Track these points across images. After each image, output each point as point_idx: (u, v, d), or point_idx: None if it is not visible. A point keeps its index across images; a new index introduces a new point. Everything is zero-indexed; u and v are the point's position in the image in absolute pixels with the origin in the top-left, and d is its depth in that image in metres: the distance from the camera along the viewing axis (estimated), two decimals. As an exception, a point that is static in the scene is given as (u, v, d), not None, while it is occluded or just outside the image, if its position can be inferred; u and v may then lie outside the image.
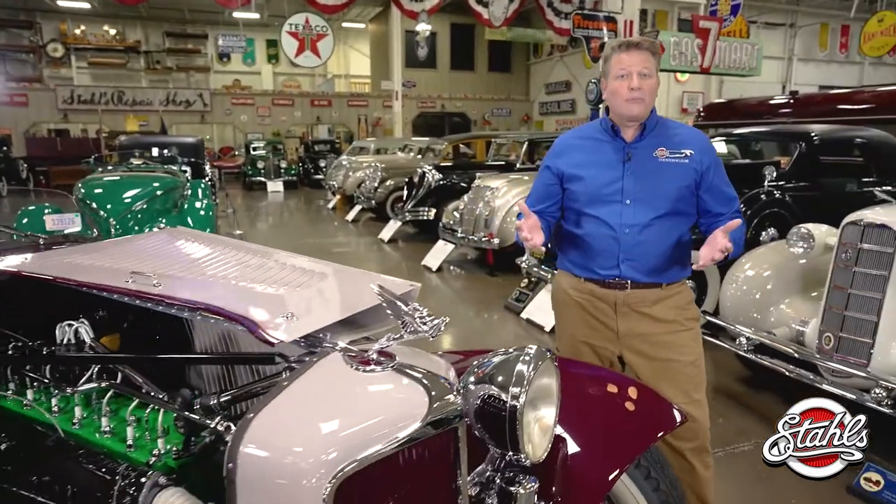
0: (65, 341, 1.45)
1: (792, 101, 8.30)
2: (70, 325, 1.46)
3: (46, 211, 5.99)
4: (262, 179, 17.66)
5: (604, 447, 1.42)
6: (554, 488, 1.30)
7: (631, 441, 1.45)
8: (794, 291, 3.39)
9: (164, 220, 6.15)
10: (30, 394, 1.37)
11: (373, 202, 10.76)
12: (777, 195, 4.73)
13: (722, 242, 1.77)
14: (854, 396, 2.68)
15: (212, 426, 1.14)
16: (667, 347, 1.94)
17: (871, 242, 2.79)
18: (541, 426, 1.25)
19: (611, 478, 1.35)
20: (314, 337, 1.14)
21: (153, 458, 1.17)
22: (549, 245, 2.18)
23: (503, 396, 1.12)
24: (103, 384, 1.34)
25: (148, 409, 1.29)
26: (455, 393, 1.03)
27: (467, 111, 24.83)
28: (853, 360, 2.80)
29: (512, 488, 1.18)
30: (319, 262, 1.55)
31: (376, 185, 10.84)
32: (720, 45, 10.27)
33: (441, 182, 8.87)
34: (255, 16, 20.08)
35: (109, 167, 7.76)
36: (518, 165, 9.14)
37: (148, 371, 1.37)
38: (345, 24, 24.85)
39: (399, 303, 1.05)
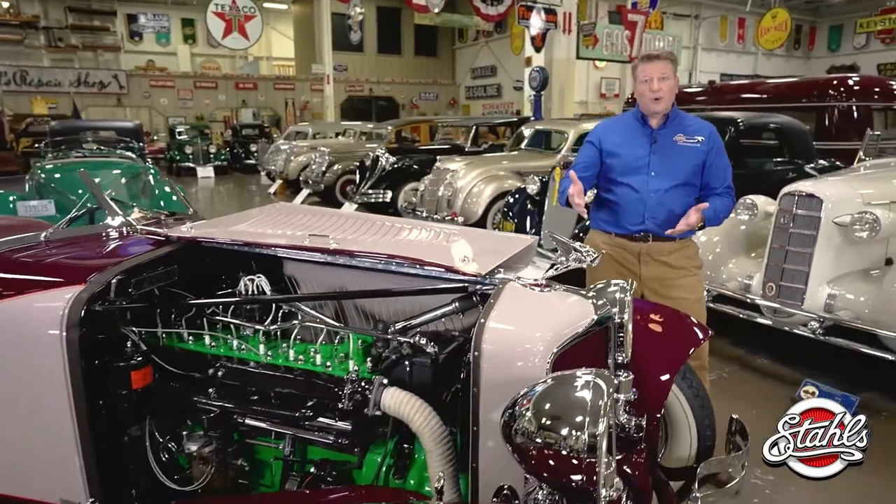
0: (250, 293, 1.79)
1: (709, 89, 9.29)
2: (251, 280, 1.81)
3: (11, 198, 5.87)
4: (192, 165, 17.15)
5: (661, 356, 1.94)
6: (634, 388, 1.80)
7: (677, 352, 1.97)
8: (740, 252, 4.10)
9: (135, 207, 6.15)
10: (218, 337, 1.71)
11: (321, 186, 10.91)
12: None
13: (694, 217, 2.40)
14: (794, 330, 3.41)
15: (412, 342, 1.56)
16: (678, 288, 2.52)
17: (803, 209, 3.51)
18: (627, 338, 1.75)
19: (667, 378, 1.87)
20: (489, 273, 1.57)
21: (352, 374, 1.57)
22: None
23: (617, 316, 1.60)
24: (296, 322, 1.71)
25: (337, 338, 1.69)
26: (604, 305, 1.51)
27: (395, 95, 25.01)
28: (790, 303, 3.52)
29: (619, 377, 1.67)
30: (437, 225, 1.97)
31: (324, 169, 10.99)
32: (645, 36, 11.21)
33: (395, 165, 9.21)
34: (173, -7, 19.27)
35: (59, 153, 7.52)
36: (467, 148, 9.63)
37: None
38: (267, 5, 24.21)
39: (567, 241, 1.52)
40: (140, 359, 1.62)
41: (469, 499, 1.42)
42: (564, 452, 1.09)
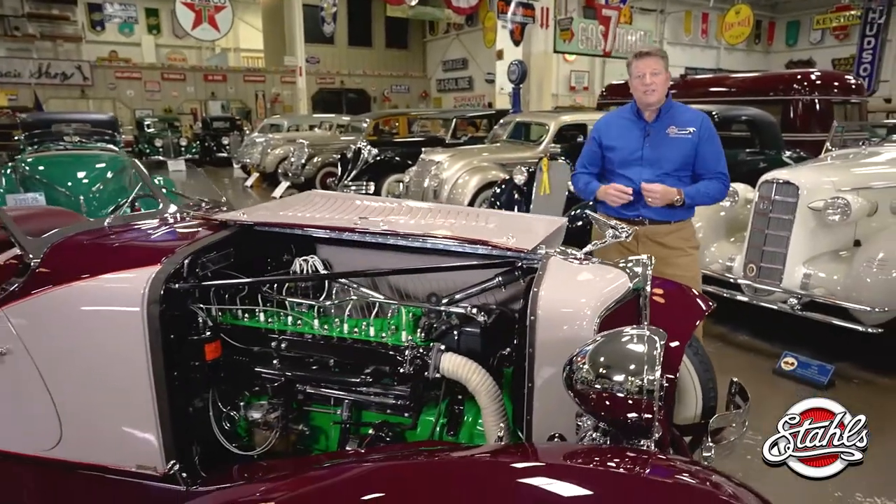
0: (305, 271, 1.94)
1: (681, 82, 9.66)
2: (306, 260, 1.95)
3: (-1, 190, 5.82)
4: (162, 158, 16.89)
5: (672, 325, 2.15)
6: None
7: (686, 321, 2.19)
8: (721, 237, 4.38)
9: (120, 199, 6.12)
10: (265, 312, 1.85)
11: (301, 178, 10.93)
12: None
13: (664, 188, 2.67)
14: (774, 307, 3.70)
15: (464, 312, 1.74)
16: (675, 266, 2.75)
17: (781, 195, 3.79)
18: (647, 307, 1.95)
19: (677, 345, 2.08)
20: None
21: (409, 342, 1.74)
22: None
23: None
24: (352, 297, 1.87)
25: (390, 311, 1.85)
26: (636, 276, 1.71)
27: (367, 88, 24.97)
28: (770, 282, 3.81)
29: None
30: (468, 209, 2.14)
31: (303, 161, 11.02)
32: (618, 31, 11.54)
33: (377, 157, 9.30)
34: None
35: (40, 146, 7.41)
36: (448, 140, 9.79)
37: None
38: (234, -5, 23.86)
39: (604, 220, 1.72)
40: (210, 333, 1.76)
41: (524, 449, 1.61)
42: (622, 395, 1.28)
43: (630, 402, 1.28)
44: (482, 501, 1.11)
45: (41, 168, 6.28)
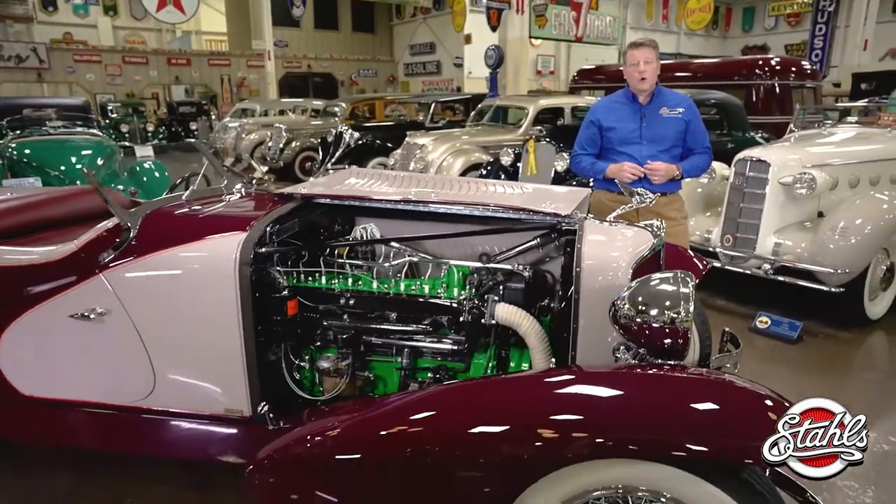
0: (364, 237, 2.19)
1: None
2: (365, 228, 2.20)
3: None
4: (129, 144, 16.56)
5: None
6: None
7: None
8: (699, 212, 4.77)
9: (113, 185, 6.17)
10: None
11: (280, 163, 11.00)
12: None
13: (669, 166, 3.05)
14: (748, 272, 4.11)
15: (509, 269, 2.03)
16: (669, 236, 3.06)
17: (754, 171, 4.18)
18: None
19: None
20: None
21: (465, 295, 2.01)
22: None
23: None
24: (408, 257, 2.13)
25: (443, 270, 2.12)
26: (656, 235, 2.02)
27: (334, 72, 24.82)
28: (745, 251, 4.21)
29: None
30: (499, 182, 2.42)
31: (281, 146, 11.07)
32: (588, 17, 11.90)
33: (359, 141, 9.47)
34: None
35: (22, 132, 7.32)
36: (427, 124, 10.01)
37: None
38: (196, -24, 23.30)
39: (630, 188, 2.03)
40: (288, 292, 2.00)
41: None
42: (658, 326, 1.59)
43: (667, 330, 1.60)
44: (546, 402, 1.41)
45: (28, 152, 6.27)
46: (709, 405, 1.36)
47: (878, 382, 3.36)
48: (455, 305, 1.98)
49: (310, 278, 2.09)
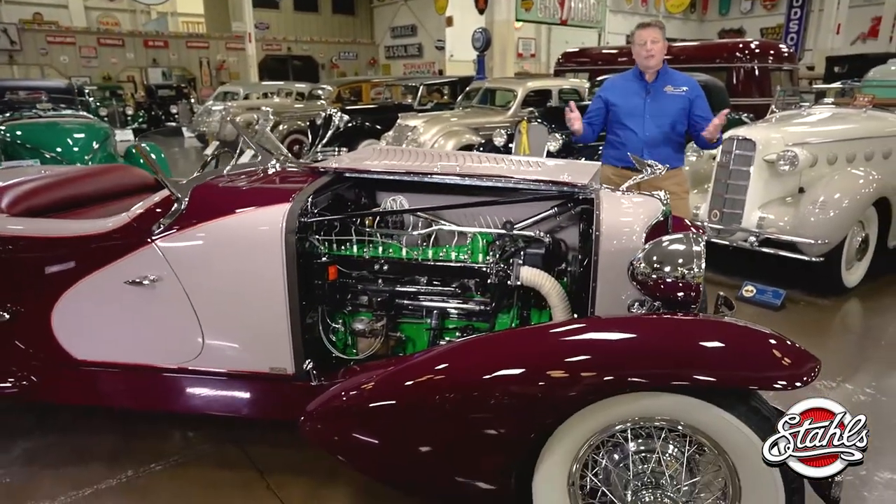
0: (394, 208, 2.35)
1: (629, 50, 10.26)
2: (394, 200, 2.36)
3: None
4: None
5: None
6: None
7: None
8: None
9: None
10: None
11: (268, 146, 10.99)
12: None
13: (718, 122, 3.21)
14: (735, 244, 4.36)
15: (532, 236, 2.21)
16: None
17: (740, 149, 4.41)
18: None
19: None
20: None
21: (491, 260, 2.19)
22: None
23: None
24: (434, 227, 2.30)
25: (469, 237, 2.29)
26: (664, 204, 2.21)
27: (314, 54, 24.60)
28: (731, 225, 4.45)
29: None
30: (514, 157, 2.59)
31: (269, 129, 11.05)
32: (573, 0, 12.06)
33: (349, 124, 9.52)
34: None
35: (12, 114, 7.25)
36: (416, 106, 10.10)
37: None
38: (173, -44, 22.89)
39: (642, 158, 2.22)
40: (328, 259, 2.16)
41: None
42: (672, 280, 1.79)
43: (681, 284, 1.80)
44: (570, 346, 1.60)
45: (20, 134, 6.26)
46: (717, 343, 1.55)
47: (854, 343, 3.65)
48: (483, 269, 2.16)
49: (343, 247, 2.25)
